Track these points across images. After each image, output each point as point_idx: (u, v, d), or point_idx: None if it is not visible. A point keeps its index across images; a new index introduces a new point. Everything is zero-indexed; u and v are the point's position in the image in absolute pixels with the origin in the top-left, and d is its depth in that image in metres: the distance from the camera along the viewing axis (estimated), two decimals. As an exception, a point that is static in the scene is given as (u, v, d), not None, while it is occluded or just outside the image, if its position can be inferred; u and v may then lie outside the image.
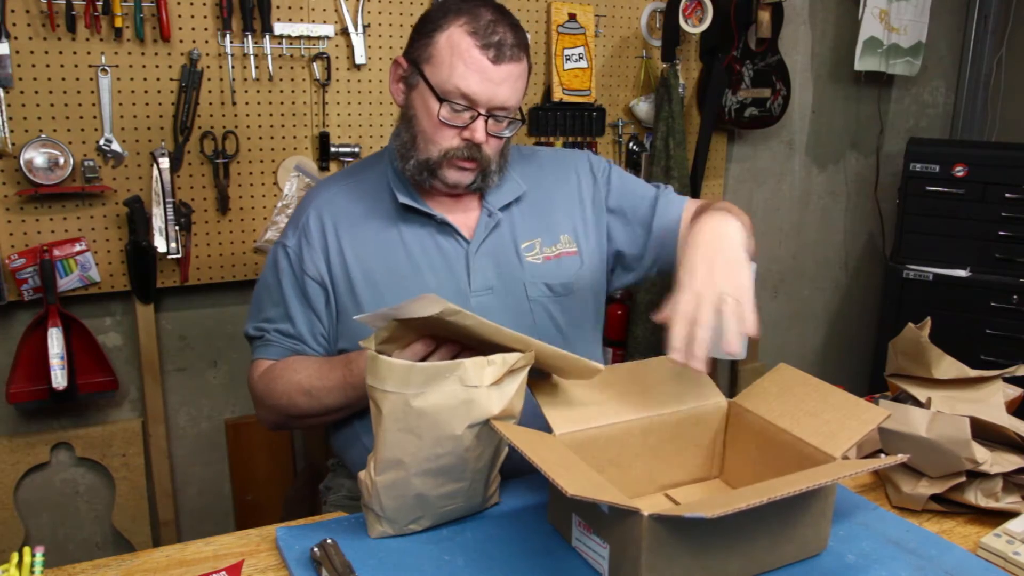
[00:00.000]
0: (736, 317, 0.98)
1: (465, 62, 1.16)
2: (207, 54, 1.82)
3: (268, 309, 1.30)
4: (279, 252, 1.30)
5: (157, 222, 1.81)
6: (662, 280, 2.44)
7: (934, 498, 1.09)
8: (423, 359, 0.99)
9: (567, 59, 2.23)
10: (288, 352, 1.28)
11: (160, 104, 1.80)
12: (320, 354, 1.29)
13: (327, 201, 1.30)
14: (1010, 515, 1.05)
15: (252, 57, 1.85)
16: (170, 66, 1.79)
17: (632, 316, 2.38)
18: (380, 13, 1.99)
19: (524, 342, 0.95)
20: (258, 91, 1.89)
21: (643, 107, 2.37)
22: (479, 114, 1.18)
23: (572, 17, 2.22)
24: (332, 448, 1.42)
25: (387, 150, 1.34)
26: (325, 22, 1.93)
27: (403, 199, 1.25)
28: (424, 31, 1.22)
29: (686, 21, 2.28)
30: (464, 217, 1.29)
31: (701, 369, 0.96)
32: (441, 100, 1.17)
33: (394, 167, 1.29)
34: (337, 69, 1.96)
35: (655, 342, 2.30)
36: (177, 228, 1.83)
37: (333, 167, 2.00)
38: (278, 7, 1.86)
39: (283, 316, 1.29)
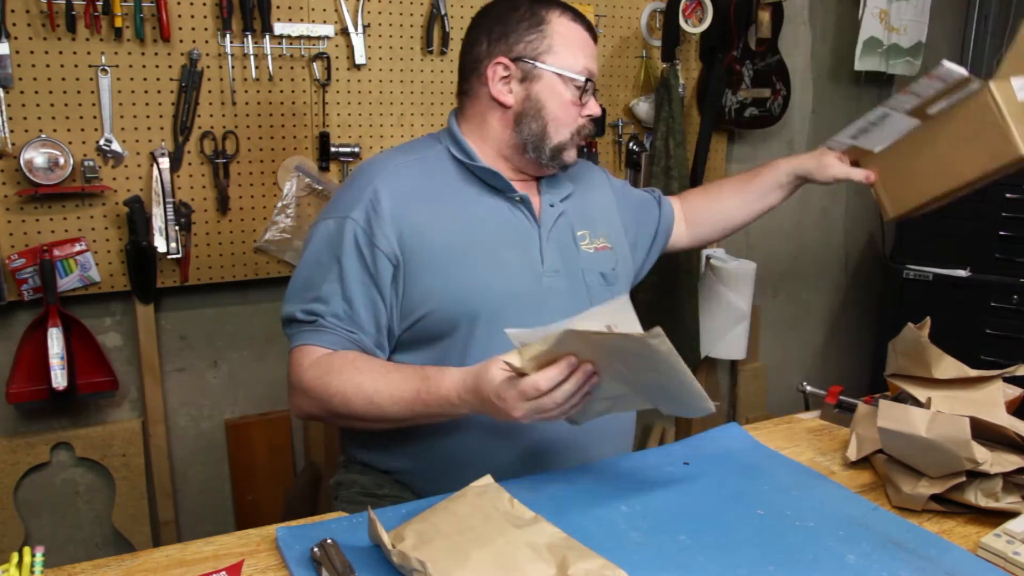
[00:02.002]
0: None
1: (579, 44, 1.30)
2: (207, 54, 1.82)
3: (321, 287, 1.23)
4: (343, 226, 1.24)
5: (157, 222, 1.81)
6: (661, 281, 2.46)
7: (934, 498, 1.09)
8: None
9: (567, 59, 2.23)
10: (347, 342, 1.22)
11: (160, 104, 1.80)
12: (375, 342, 1.25)
13: (393, 175, 1.28)
14: (1010, 515, 1.05)
15: (252, 57, 1.85)
16: (170, 66, 1.79)
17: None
18: (380, 13, 1.99)
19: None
20: (258, 91, 1.89)
21: (643, 107, 2.37)
22: (593, 88, 1.32)
23: (572, 17, 2.22)
24: (345, 444, 1.42)
25: (436, 138, 1.37)
26: (325, 22, 1.93)
27: (487, 179, 1.31)
28: (526, 29, 1.30)
29: (686, 21, 2.28)
30: (532, 200, 1.35)
31: None
32: (585, 80, 1.29)
33: (460, 146, 1.32)
34: (337, 69, 1.96)
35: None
36: (177, 228, 1.83)
37: (333, 167, 2.00)
38: (278, 7, 1.86)
39: (340, 295, 1.23)
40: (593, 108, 1.32)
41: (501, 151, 1.33)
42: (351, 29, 1.95)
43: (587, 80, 1.30)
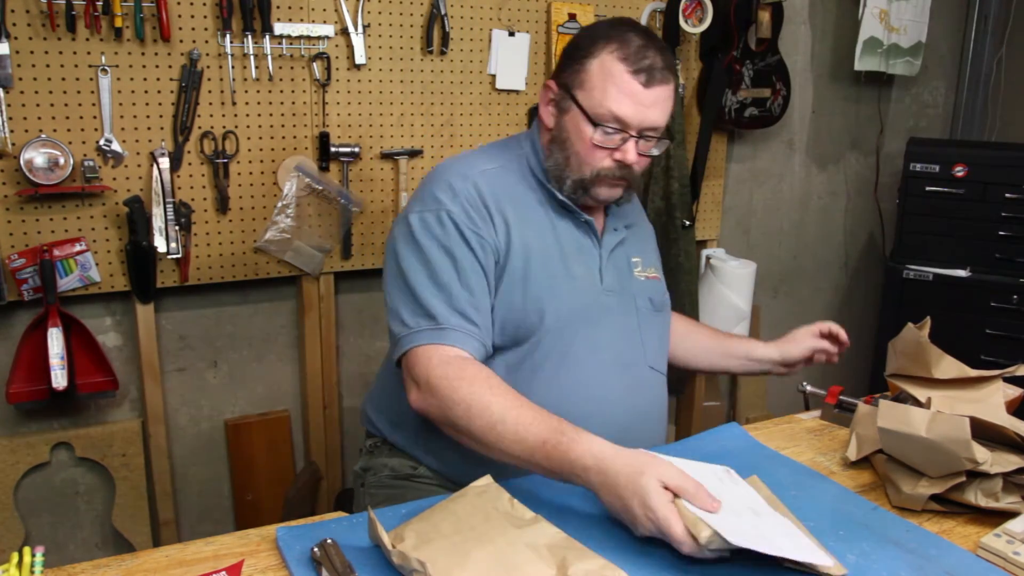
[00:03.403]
0: None
1: (618, 87, 1.21)
2: (207, 54, 1.82)
3: (440, 281, 1.19)
4: (437, 219, 1.22)
5: (157, 222, 1.81)
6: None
7: (934, 498, 1.09)
8: None
9: (567, 59, 2.23)
10: (476, 344, 1.18)
11: (160, 104, 1.80)
12: (492, 334, 1.23)
13: (483, 176, 1.28)
14: (1010, 515, 1.05)
15: (252, 57, 1.85)
16: (170, 66, 1.79)
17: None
18: (380, 13, 1.99)
19: None
20: (258, 91, 1.89)
21: (643, 107, 2.37)
22: (630, 136, 1.23)
23: (572, 17, 2.22)
24: (372, 426, 1.43)
25: (518, 142, 1.37)
26: (325, 22, 1.92)
27: (561, 197, 1.31)
28: (575, 57, 1.26)
29: (686, 21, 2.28)
30: (597, 222, 1.37)
31: None
32: (596, 124, 1.23)
33: (539, 159, 1.33)
34: (337, 69, 1.96)
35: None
36: (177, 228, 1.83)
37: (333, 167, 2.00)
38: (278, 7, 1.86)
39: (460, 285, 1.19)
40: (626, 155, 1.25)
41: None
42: (351, 29, 1.95)
43: (614, 128, 1.22)
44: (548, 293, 1.26)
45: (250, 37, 1.84)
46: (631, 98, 1.21)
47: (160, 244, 1.82)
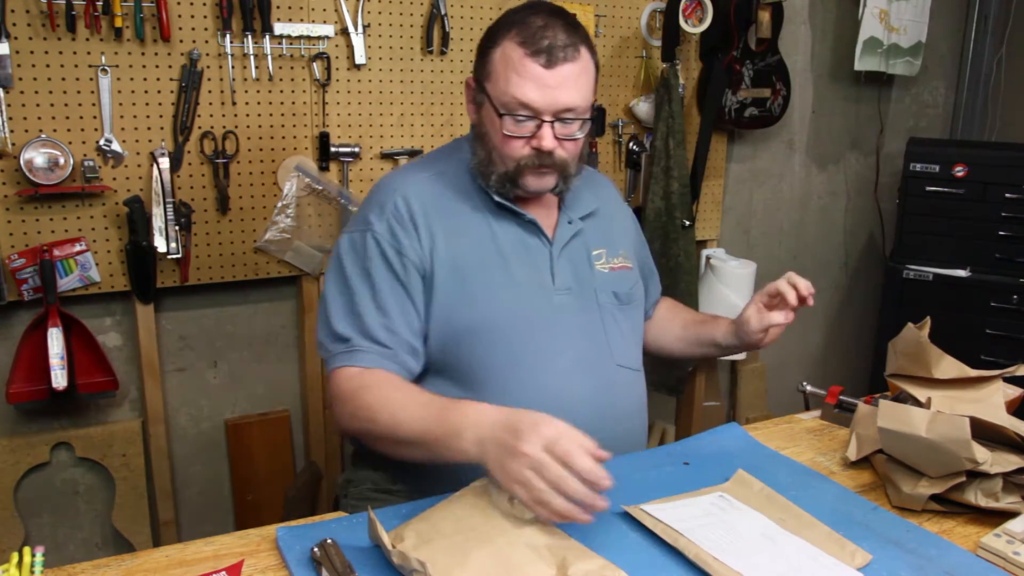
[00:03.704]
0: None
1: (518, 72, 1.17)
2: (207, 54, 1.82)
3: (353, 303, 1.22)
4: (365, 239, 1.24)
5: (157, 222, 1.81)
6: (661, 281, 2.45)
7: (934, 498, 1.09)
8: None
9: (567, 59, 2.23)
10: (392, 364, 1.20)
11: (160, 104, 1.80)
12: (410, 349, 1.22)
13: (413, 188, 1.27)
14: (1010, 515, 1.05)
15: (252, 57, 1.85)
16: (170, 66, 1.79)
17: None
18: (380, 13, 1.99)
19: None
20: (258, 91, 1.89)
21: (643, 107, 2.37)
22: (543, 121, 1.19)
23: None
24: (355, 439, 1.41)
25: (461, 145, 1.35)
26: (325, 22, 1.92)
27: (497, 198, 1.27)
28: (483, 49, 1.24)
29: (686, 21, 2.28)
30: (547, 220, 1.33)
31: None
32: (502, 114, 1.19)
33: (475, 159, 1.29)
34: (337, 69, 1.96)
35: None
36: (177, 228, 1.83)
37: (333, 167, 2.00)
38: (278, 7, 1.86)
39: (374, 307, 1.21)
40: (541, 141, 1.20)
41: None
42: (351, 29, 1.95)
43: (524, 115, 1.18)
44: (487, 303, 1.24)
45: (250, 37, 1.84)
46: (534, 82, 1.17)
47: (160, 244, 1.82)
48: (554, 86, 1.17)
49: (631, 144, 2.40)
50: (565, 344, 1.27)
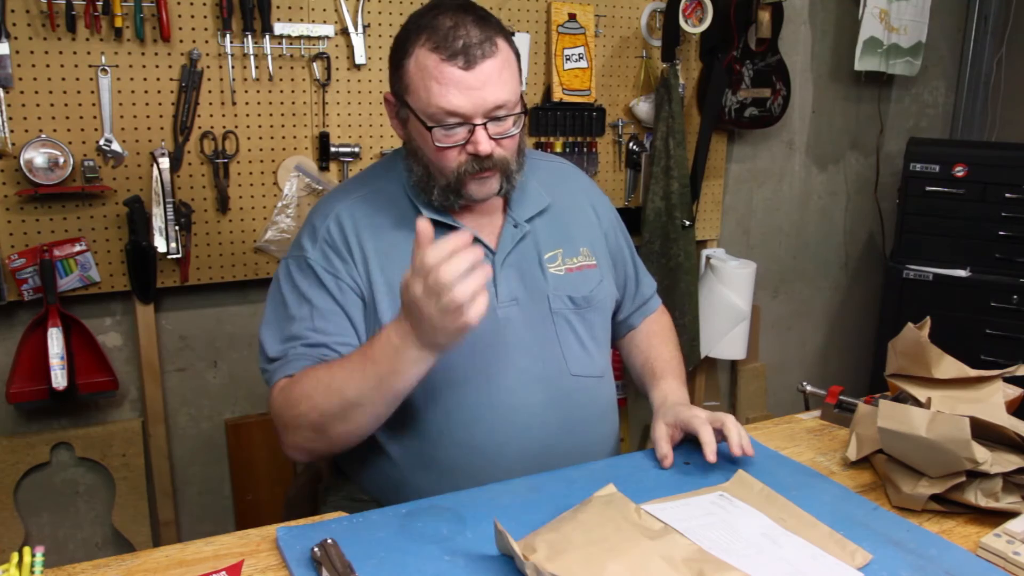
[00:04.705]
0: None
1: (437, 80, 1.11)
2: (207, 54, 1.82)
3: (290, 326, 1.19)
4: (297, 266, 1.22)
5: (157, 222, 1.81)
6: (661, 281, 2.43)
7: (934, 498, 1.09)
8: None
9: (567, 59, 2.23)
10: (315, 360, 1.17)
11: (160, 104, 1.80)
12: (343, 342, 1.20)
13: (346, 211, 1.23)
14: (1010, 515, 1.05)
15: (252, 57, 1.85)
16: (170, 66, 1.79)
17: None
18: (380, 13, 1.99)
19: None
20: (258, 91, 1.89)
21: (643, 107, 2.37)
22: (475, 125, 1.13)
23: (572, 17, 2.22)
24: (339, 462, 1.41)
25: (398, 157, 1.29)
26: (325, 22, 1.92)
27: (428, 213, 1.20)
28: (395, 62, 1.18)
29: (686, 21, 2.28)
30: (490, 227, 1.26)
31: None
32: (430, 127, 1.13)
33: (413, 176, 1.24)
34: (337, 69, 1.96)
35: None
36: (177, 228, 1.83)
37: (333, 167, 2.00)
38: (278, 7, 1.86)
39: (310, 326, 1.18)
40: (478, 146, 1.13)
41: None
42: (351, 29, 1.95)
43: (453, 123, 1.12)
44: None
45: (250, 37, 1.84)
46: (456, 86, 1.10)
47: (160, 244, 1.82)
48: (478, 87, 1.11)
49: (631, 144, 2.40)
50: (512, 359, 1.22)
